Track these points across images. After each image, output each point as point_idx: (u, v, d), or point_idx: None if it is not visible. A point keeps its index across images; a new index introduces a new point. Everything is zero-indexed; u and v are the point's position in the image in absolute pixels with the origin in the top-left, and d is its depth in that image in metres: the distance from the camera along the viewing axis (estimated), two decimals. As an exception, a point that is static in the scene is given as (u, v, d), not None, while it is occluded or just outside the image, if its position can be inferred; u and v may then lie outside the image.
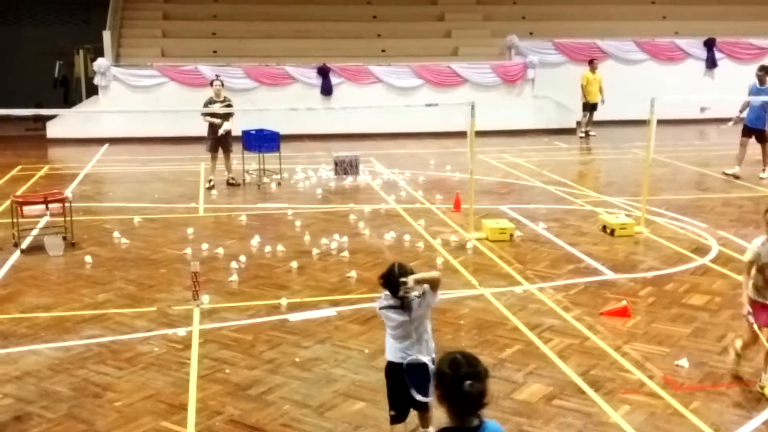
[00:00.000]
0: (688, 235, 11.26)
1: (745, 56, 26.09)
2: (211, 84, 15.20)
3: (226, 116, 14.72)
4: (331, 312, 8.26)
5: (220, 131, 14.68)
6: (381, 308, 5.27)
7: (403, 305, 5.10)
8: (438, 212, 12.75)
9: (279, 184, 15.29)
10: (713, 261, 9.99)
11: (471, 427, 3.25)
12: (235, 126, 15.24)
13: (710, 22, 26.38)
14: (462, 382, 3.19)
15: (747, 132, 15.92)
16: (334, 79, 22.93)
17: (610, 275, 9.47)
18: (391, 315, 5.18)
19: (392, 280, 5.07)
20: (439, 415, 3.67)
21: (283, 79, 22.86)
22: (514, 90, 23.96)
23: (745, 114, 16.02)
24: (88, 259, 10.18)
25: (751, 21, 26.90)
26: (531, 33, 25.76)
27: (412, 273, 5.08)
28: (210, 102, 14.71)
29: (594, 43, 25.19)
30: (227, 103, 14.80)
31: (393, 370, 5.23)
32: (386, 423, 5.85)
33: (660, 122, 11.45)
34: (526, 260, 10.09)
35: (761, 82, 15.55)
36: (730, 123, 16.40)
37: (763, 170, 15.74)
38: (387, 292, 5.18)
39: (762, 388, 6.32)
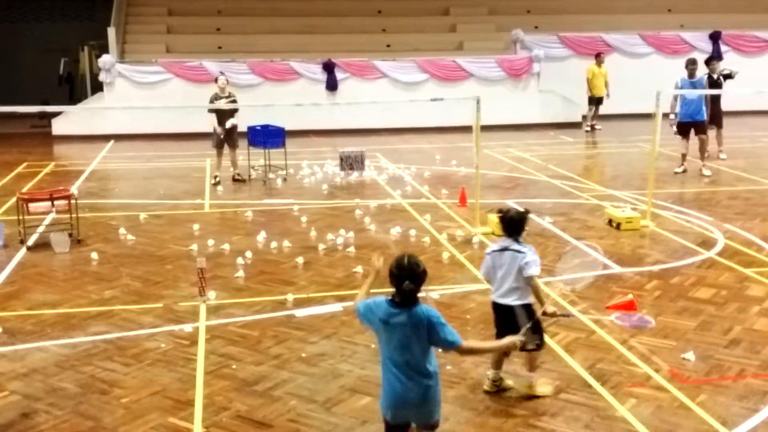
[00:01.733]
0: (694, 229, 11.24)
1: (751, 49, 26.04)
2: (216, 80, 15.19)
3: (232, 112, 14.74)
4: (337, 307, 8.26)
5: (227, 124, 14.70)
6: (492, 252, 6.26)
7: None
8: (444, 207, 12.74)
9: (285, 179, 15.29)
10: (719, 254, 9.97)
11: (408, 303, 4.54)
12: (241, 122, 15.25)
13: (715, 15, 26.33)
14: (403, 282, 4.51)
15: (685, 129, 15.28)
16: (339, 75, 22.94)
17: (616, 269, 9.45)
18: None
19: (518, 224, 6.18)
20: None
21: (288, 75, 22.88)
22: (519, 84, 23.94)
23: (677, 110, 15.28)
24: (94, 255, 10.20)
25: (757, 13, 26.84)
26: (536, 27, 25.74)
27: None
28: (215, 98, 14.74)
29: (599, 36, 25.15)
30: (232, 98, 14.82)
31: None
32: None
33: (666, 115, 11.42)
34: (532, 254, 10.06)
35: (692, 75, 15.13)
36: (674, 127, 15.37)
37: (704, 166, 15.21)
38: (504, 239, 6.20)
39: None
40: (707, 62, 16.68)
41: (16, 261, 10.11)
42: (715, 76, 16.27)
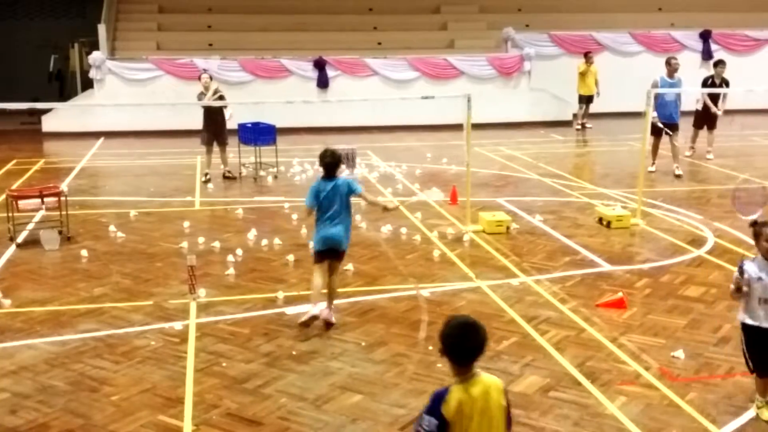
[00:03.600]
0: (684, 227, 11.27)
1: (741, 48, 26.11)
2: (199, 78, 15.18)
3: (221, 108, 14.72)
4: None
5: (227, 115, 14.65)
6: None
7: None
8: (435, 205, 12.74)
9: (275, 177, 15.27)
10: (709, 252, 10.00)
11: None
12: (231, 119, 15.22)
13: (706, 14, 26.40)
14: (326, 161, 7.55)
15: (660, 130, 14.76)
16: (330, 72, 22.92)
17: (606, 267, 9.48)
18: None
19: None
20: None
21: (279, 72, 22.84)
22: (510, 82, 23.96)
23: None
24: (84, 253, 10.18)
25: (747, 12, 26.92)
26: (527, 25, 25.76)
27: None
28: (201, 96, 14.72)
29: (590, 35, 25.19)
30: (219, 94, 14.78)
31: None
32: (384, 416, 5.89)
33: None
34: (523, 252, 10.10)
35: (671, 74, 14.80)
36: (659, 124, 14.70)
37: (677, 167, 14.99)
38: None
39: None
40: (715, 65, 16.79)
41: (5, 258, 10.07)
42: (717, 81, 16.33)
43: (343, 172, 15.63)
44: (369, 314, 8.00)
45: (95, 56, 21.97)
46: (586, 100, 22.09)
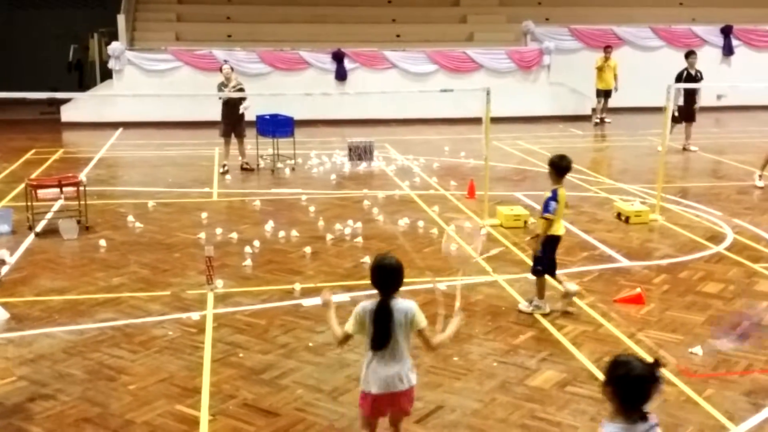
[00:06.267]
0: (703, 223, 11.20)
1: (762, 43, 25.89)
2: (221, 69, 15.21)
3: (240, 100, 14.70)
4: (344, 297, 8.23)
5: (242, 108, 14.63)
6: None
7: None
8: (452, 199, 12.73)
9: (293, 169, 15.29)
10: (728, 249, 9.94)
11: None
12: (250, 111, 15.23)
13: (727, 9, 26.20)
14: None
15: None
16: (348, 65, 22.89)
17: (624, 262, 9.43)
18: None
19: None
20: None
21: (298, 64, 22.84)
22: (529, 76, 23.86)
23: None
24: (103, 242, 10.22)
25: (769, 8, 26.70)
26: (547, 19, 25.65)
27: None
28: (221, 87, 14.74)
29: (610, 29, 25.04)
30: (239, 87, 14.79)
31: None
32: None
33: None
34: (540, 247, 10.04)
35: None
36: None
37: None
38: None
39: None
40: (687, 56, 16.98)
41: (24, 247, 10.13)
42: (693, 72, 16.51)
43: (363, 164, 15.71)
44: (385, 307, 7.99)
45: (114, 46, 22.04)
46: (604, 94, 21.97)
